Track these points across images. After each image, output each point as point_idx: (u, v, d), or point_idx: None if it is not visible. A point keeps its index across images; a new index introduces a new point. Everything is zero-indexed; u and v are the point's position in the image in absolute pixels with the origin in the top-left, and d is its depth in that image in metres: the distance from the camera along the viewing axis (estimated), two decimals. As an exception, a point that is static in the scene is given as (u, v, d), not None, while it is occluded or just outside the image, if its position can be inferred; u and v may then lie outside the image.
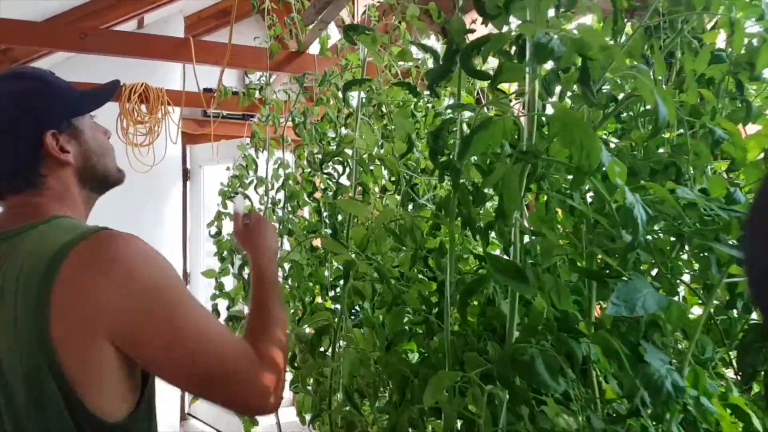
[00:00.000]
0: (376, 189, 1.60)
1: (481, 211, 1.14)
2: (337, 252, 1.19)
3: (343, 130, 1.88)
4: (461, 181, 0.95)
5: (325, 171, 1.94)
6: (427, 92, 1.71)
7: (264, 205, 2.73)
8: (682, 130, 0.91)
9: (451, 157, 1.04)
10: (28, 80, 0.94)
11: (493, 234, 0.89)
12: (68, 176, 0.95)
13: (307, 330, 1.55)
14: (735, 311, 0.87)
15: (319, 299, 1.82)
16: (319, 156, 1.96)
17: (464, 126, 1.07)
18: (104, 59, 3.97)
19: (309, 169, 2.66)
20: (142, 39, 2.33)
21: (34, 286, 0.76)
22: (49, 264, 0.77)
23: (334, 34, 2.79)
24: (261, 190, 2.79)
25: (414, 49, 1.62)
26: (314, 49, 2.67)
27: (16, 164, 0.91)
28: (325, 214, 1.86)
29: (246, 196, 2.73)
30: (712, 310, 0.85)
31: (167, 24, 4.17)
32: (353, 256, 1.18)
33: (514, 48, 0.92)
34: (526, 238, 0.88)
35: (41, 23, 2.41)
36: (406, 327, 1.15)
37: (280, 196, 2.78)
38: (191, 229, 4.74)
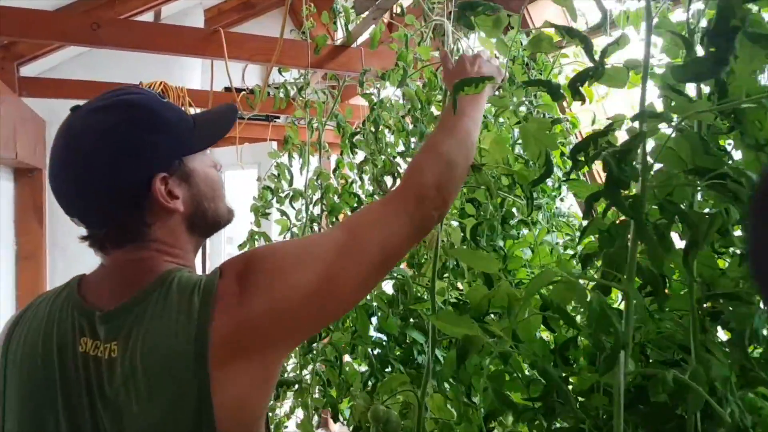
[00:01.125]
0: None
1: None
2: (449, 321, 0.84)
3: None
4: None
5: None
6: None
7: (301, 222, 2.38)
8: None
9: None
10: (134, 109, 0.78)
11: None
12: (176, 224, 0.82)
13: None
14: None
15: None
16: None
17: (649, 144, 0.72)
18: (114, 56, 3.65)
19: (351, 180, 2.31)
20: (164, 30, 1.98)
21: (184, 350, 0.69)
22: (198, 327, 0.69)
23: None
24: (298, 203, 2.45)
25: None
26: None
27: (118, 217, 0.77)
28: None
29: (283, 213, 2.38)
30: None
31: (186, 17, 3.84)
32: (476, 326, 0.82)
33: None
34: None
35: (49, 13, 2.08)
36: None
37: (318, 210, 2.44)
38: (210, 246, 4.40)
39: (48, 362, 0.75)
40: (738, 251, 0.76)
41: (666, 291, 0.79)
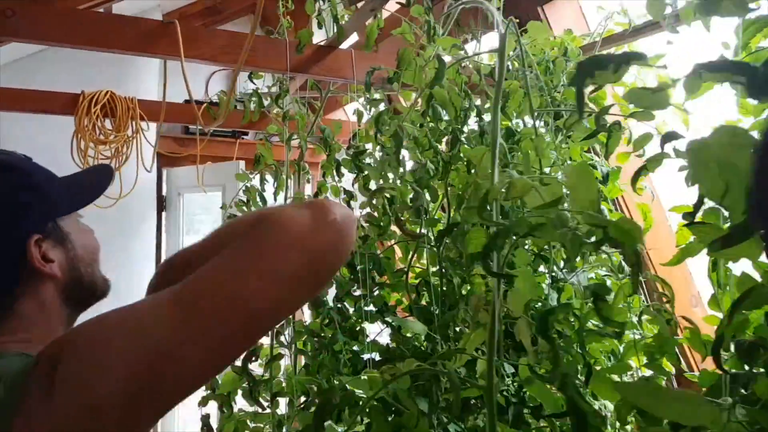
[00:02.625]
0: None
1: None
2: None
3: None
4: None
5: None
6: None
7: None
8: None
9: None
10: (1, 170, 0.75)
11: None
12: (49, 295, 0.76)
13: None
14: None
15: None
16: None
17: None
18: (56, 63, 3.18)
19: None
20: (102, 21, 1.54)
21: None
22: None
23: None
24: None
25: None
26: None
27: None
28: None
29: None
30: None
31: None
32: None
33: None
34: None
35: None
36: None
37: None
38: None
39: None
40: None
41: None
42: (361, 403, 0.89)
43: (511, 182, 0.69)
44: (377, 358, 1.84)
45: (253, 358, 1.83)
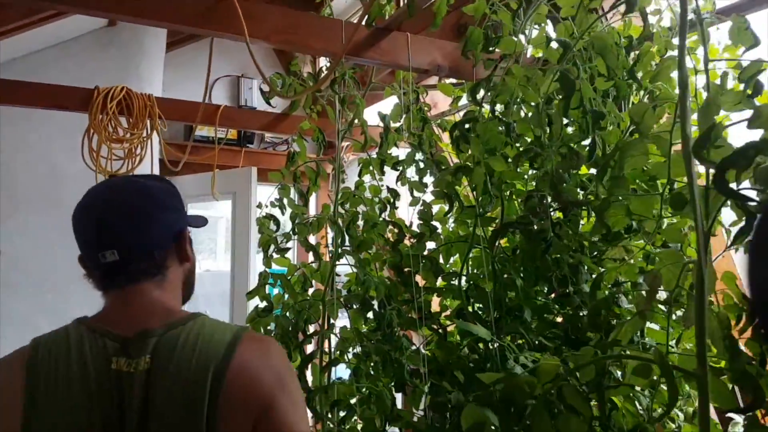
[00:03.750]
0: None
1: None
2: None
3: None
4: None
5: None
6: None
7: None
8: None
9: None
10: (168, 184, 1.05)
11: None
12: (179, 275, 1.03)
13: None
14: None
15: None
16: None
17: None
18: (61, 59, 3.00)
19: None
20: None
21: (205, 379, 0.85)
22: (223, 357, 0.87)
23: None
24: (313, 237, 1.89)
25: None
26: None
27: (159, 242, 0.97)
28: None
29: (311, 248, 1.80)
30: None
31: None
32: None
33: None
34: None
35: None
36: None
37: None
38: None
39: (85, 381, 0.86)
40: None
41: None
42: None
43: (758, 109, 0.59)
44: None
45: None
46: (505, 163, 1.07)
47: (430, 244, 1.85)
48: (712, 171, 0.65)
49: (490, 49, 1.40)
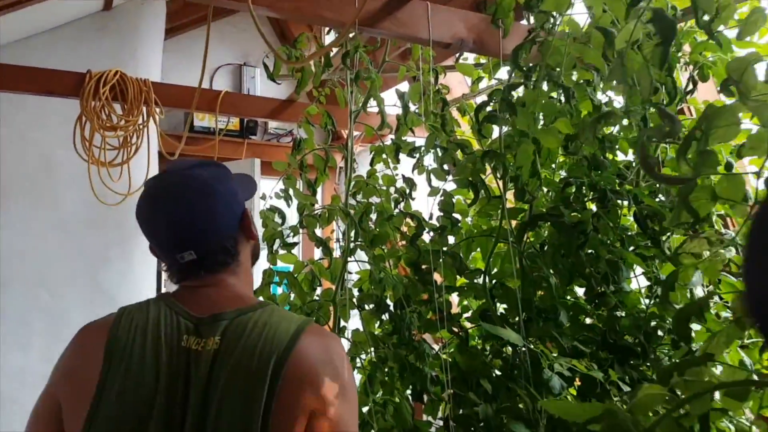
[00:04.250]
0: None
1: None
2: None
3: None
4: None
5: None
6: None
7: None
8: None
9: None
10: (215, 166, 1.06)
11: None
12: (248, 253, 1.09)
13: None
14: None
15: None
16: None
17: None
18: (55, 43, 2.86)
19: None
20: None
21: (269, 365, 0.88)
22: (288, 344, 0.90)
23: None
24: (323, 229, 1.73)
25: None
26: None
27: (229, 233, 1.02)
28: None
29: (321, 242, 1.64)
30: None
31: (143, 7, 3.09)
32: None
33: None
34: None
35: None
36: None
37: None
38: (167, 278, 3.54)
39: (157, 353, 0.90)
40: None
41: None
42: None
43: None
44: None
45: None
46: (558, 138, 0.90)
47: (449, 239, 1.69)
48: None
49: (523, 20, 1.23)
